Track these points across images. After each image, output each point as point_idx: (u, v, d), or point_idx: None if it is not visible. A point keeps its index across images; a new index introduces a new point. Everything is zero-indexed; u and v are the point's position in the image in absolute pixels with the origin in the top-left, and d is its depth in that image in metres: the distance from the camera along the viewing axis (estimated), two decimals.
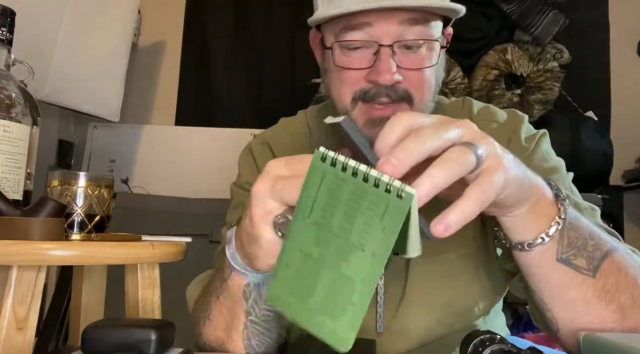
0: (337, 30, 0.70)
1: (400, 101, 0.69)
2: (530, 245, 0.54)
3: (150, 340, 0.53)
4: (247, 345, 0.65)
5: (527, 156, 0.74)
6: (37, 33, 1.79)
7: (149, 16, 2.73)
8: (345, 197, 0.42)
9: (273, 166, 0.49)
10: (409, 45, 0.68)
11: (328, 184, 0.43)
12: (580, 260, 0.54)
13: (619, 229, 2.38)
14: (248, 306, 0.61)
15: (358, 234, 0.41)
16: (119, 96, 2.35)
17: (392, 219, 0.40)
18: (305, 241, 0.44)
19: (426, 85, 0.70)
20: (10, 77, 0.81)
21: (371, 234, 0.41)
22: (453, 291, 0.75)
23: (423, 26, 0.68)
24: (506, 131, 0.77)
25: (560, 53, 2.33)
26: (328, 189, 0.43)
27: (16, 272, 0.66)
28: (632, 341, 0.47)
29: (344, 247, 0.42)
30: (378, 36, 0.67)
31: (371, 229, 0.41)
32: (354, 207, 0.42)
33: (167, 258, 0.80)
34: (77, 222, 0.79)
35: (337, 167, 0.43)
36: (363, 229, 0.41)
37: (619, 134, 2.40)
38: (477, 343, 0.53)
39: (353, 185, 0.42)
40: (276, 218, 0.48)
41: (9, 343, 0.64)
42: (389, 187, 0.40)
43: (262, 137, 0.91)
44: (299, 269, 0.44)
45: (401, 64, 0.67)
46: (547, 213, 0.53)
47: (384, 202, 0.40)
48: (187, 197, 2.23)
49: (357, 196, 0.42)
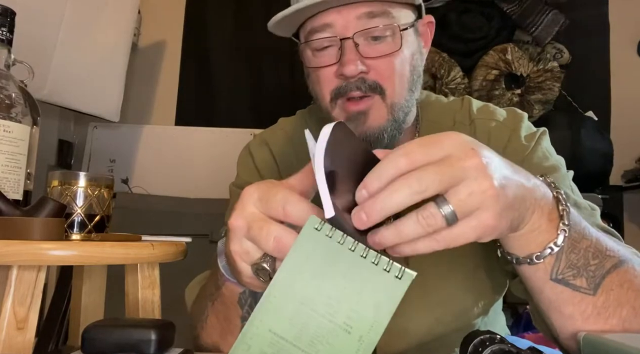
0: (305, 33, 0.72)
1: (372, 93, 0.69)
2: (539, 257, 0.50)
3: (150, 340, 0.53)
4: None
5: (526, 155, 0.74)
6: (37, 33, 1.79)
7: (149, 16, 2.73)
8: (338, 273, 0.38)
9: (248, 198, 0.47)
10: (374, 36, 0.69)
11: (320, 255, 0.39)
12: (580, 280, 0.52)
13: (619, 229, 2.38)
14: (244, 312, 0.61)
15: (345, 314, 0.38)
16: (119, 96, 2.35)
17: (389, 299, 0.38)
18: (279, 319, 0.38)
19: (397, 75, 0.69)
20: (10, 77, 0.81)
21: (362, 314, 0.38)
22: (452, 290, 0.75)
23: (382, 18, 0.68)
24: (506, 129, 0.77)
25: (560, 53, 2.32)
26: (320, 262, 0.39)
27: (16, 272, 0.66)
28: (632, 341, 0.46)
29: (327, 329, 0.37)
30: (340, 31, 0.68)
31: (363, 309, 0.38)
32: (345, 285, 0.38)
33: (167, 258, 0.79)
34: (77, 222, 0.79)
35: (333, 238, 0.39)
36: (352, 309, 0.38)
37: (619, 134, 2.40)
38: (477, 343, 0.52)
39: (349, 261, 0.38)
40: (254, 265, 0.46)
41: (9, 343, 0.64)
42: (388, 267, 0.38)
43: (260, 137, 0.91)
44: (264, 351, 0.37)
45: (365, 54, 0.68)
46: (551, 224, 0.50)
47: (381, 281, 0.38)
48: (187, 197, 2.23)
49: (351, 272, 0.38)
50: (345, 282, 0.38)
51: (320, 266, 0.39)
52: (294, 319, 0.38)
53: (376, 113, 0.69)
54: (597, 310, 0.53)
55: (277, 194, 0.45)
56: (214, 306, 0.64)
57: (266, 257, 0.45)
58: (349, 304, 0.38)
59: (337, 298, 0.38)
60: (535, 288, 0.54)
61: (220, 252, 0.58)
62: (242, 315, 0.62)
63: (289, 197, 0.44)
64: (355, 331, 0.37)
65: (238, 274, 0.50)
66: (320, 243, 0.39)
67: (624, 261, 0.54)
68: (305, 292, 0.38)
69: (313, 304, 0.38)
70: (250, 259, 0.47)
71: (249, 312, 0.61)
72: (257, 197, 0.46)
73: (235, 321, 0.62)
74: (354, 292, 0.38)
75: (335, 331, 0.37)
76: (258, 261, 0.46)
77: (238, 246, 0.47)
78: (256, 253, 0.46)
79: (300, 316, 0.38)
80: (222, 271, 0.58)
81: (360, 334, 0.37)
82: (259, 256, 0.46)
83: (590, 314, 0.53)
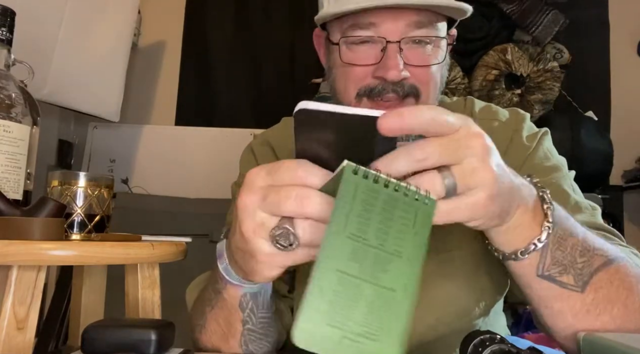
0: (344, 27, 0.70)
1: (407, 97, 0.69)
2: (524, 253, 0.51)
3: (150, 340, 0.53)
4: (245, 350, 0.64)
5: (528, 155, 0.74)
6: (37, 33, 1.79)
7: (149, 16, 2.73)
8: (379, 208, 0.42)
9: (255, 176, 0.47)
10: (416, 41, 0.68)
11: (362, 196, 0.42)
12: (566, 277, 0.52)
13: (619, 229, 2.37)
14: (245, 316, 0.60)
15: (394, 242, 0.42)
16: (119, 96, 2.35)
17: (423, 224, 0.42)
18: (341, 259, 0.41)
19: (432, 82, 0.70)
20: (10, 77, 0.81)
21: (405, 240, 0.42)
22: (453, 290, 0.75)
23: (428, 28, 0.68)
24: (508, 129, 0.77)
25: (560, 53, 2.32)
26: (362, 202, 0.42)
27: (16, 272, 0.66)
28: (632, 341, 0.46)
29: (382, 258, 0.42)
30: (385, 34, 0.67)
31: (405, 236, 0.42)
32: (388, 217, 0.42)
33: (167, 258, 0.79)
34: (77, 222, 0.79)
35: (369, 179, 0.43)
36: (398, 237, 0.42)
37: (619, 134, 2.40)
38: (477, 343, 0.53)
39: (386, 196, 0.42)
40: (273, 230, 0.45)
41: (9, 343, 0.64)
42: (417, 196, 0.43)
43: (263, 137, 0.91)
44: (337, 292, 0.41)
45: (408, 60, 0.68)
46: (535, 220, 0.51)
47: (413, 209, 0.42)
48: (187, 197, 2.23)
49: (389, 205, 0.42)
50: (386, 214, 0.42)
51: (362, 204, 0.42)
52: (353, 255, 0.42)
53: None
54: (586, 307, 0.53)
55: (284, 164, 0.45)
56: (213, 311, 0.63)
57: (283, 221, 0.46)
58: (394, 232, 0.42)
59: (383, 229, 0.42)
60: (523, 284, 0.55)
61: (220, 255, 0.57)
62: (243, 319, 0.61)
63: (300, 163, 0.45)
64: (404, 254, 0.42)
65: (252, 257, 0.48)
66: (360, 184, 0.43)
67: (614, 260, 0.55)
68: (356, 229, 0.42)
69: (365, 239, 0.42)
70: (265, 231, 0.46)
71: (250, 316, 0.61)
72: (266, 172, 0.46)
73: (236, 325, 0.61)
74: (394, 221, 0.42)
75: (389, 258, 0.42)
76: (275, 227, 0.45)
77: (250, 221, 0.46)
78: (271, 222, 0.45)
79: (357, 251, 0.42)
80: (223, 273, 0.57)
81: (409, 256, 0.42)
82: (274, 225, 0.45)
83: (579, 311, 0.54)
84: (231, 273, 0.56)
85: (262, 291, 0.60)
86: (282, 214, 0.45)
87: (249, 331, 0.62)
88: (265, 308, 0.61)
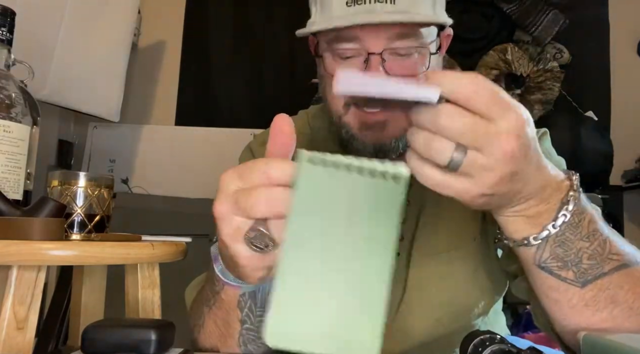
0: (329, 38, 0.71)
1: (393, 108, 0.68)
2: (536, 238, 0.52)
3: (150, 340, 0.53)
4: (243, 350, 0.64)
5: None
6: (37, 33, 1.79)
7: (149, 16, 2.73)
8: (344, 194, 0.40)
9: (227, 180, 0.46)
10: (400, 53, 0.69)
11: (323, 185, 0.40)
12: (565, 272, 0.53)
13: (619, 229, 2.38)
14: (243, 316, 0.61)
15: (362, 229, 0.40)
16: (119, 96, 2.35)
17: (393, 204, 0.40)
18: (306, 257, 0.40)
19: None
20: (10, 77, 0.81)
21: (375, 225, 0.40)
22: (453, 290, 0.75)
23: (412, 39, 0.69)
24: None
25: (560, 53, 2.32)
26: (323, 191, 0.40)
27: (16, 272, 0.66)
28: (633, 341, 0.46)
29: (350, 248, 0.40)
30: (367, 46, 0.68)
31: (375, 220, 0.40)
32: (354, 202, 0.40)
33: (167, 258, 0.79)
34: (77, 222, 0.79)
35: (327, 166, 0.40)
36: (367, 223, 0.40)
37: (619, 134, 2.40)
38: (477, 343, 0.53)
39: (349, 180, 0.40)
40: (247, 234, 0.45)
41: (9, 343, 0.64)
42: (385, 175, 0.40)
43: (262, 137, 0.91)
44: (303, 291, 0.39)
45: (391, 71, 0.68)
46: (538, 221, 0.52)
47: (381, 189, 0.40)
48: (188, 197, 2.23)
49: (354, 190, 0.40)
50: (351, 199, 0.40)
51: (324, 193, 0.40)
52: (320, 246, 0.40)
53: (395, 124, 0.70)
54: (584, 302, 0.54)
55: (255, 164, 0.44)
56: (211, 312, 0.63)
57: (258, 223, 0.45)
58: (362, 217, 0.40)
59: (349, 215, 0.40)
60: (525, 269, 0.56)
61: (215, 258, 0.57)
62: (241, 318, 0.61)
63: (269, 161, 0.44)
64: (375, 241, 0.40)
65: (234, 262, 0.48)
66: (319, 173, 0.41)
67: (628, 264, 0.55)
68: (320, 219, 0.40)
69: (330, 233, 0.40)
70: (241, 235, 0.45)
71: (248, 315, 0.61)
72: (237, 175, 0.46)
73: (235, 325, 0.62)
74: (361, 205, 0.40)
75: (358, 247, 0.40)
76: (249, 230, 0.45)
77: (227, 227, 0.46)
78: (246, 225, 0.45)
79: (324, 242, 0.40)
80: (220, 275, 0.57)
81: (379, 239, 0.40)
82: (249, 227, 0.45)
83: (577, 304, 0.54)
84: (228, 274, 0.56)
85: (260, 288, 0.60)
86: (255, 217, 0.44)
87: (248, 330, 0.63)
88: (263, 306, 0.61)
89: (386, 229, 0.40)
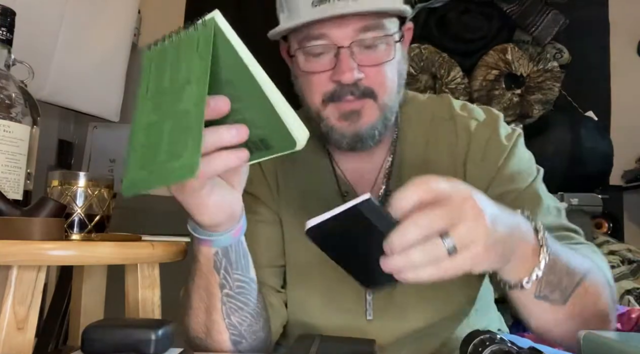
0: (300, 39, 0.75)
1: (364, 98, 0.74)
2: (527, 281, 0.58)
3: (150, 340, 0.53)
4: (228, 324, 0.67)
5: (506, 157, 0.78)
6: (37, 33, 1.79)
7: (149, 16, 2.73)
8: (170, 58, 0.49)
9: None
10: (367, 45, 0.73)
11: (155, 61, 0.50)
12: (554, 294, 0.61)
13: (619, 229, 2.38)
14: (220, 278, 0.64)
15: (183, 76, 0.47)
16: (119, 96, 2.35)
17: (205, 44, 0.47)
18: (145, 116, 0.49)
19: (388, 81, 0.75)
20: (10, 77, 0.81)
21: (193, 67, 0.47)
22: None
23: (376, 30, 0.73)
24: (486, 129, 0.82)
25: (560, 53, 2.32)
26: (156, 64, 0.50)
27: (16, 272, 0.66)
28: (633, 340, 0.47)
29: (176, 93, 0.47)
30: (336, 41, 0.72)
31: (191, 64, 0.47)
32: (176, 59, 0.48)
33: (167, 258, 0.80)
34: (77, 222, 0.79)
35: (157, 45, 0.50)
36: (186, 69, 0.47)
37: (619, 134, 2.39)
38: (477, 343, 0.53)
39: (172, 45, 0.49)
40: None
41: (9, 343, 0.64)
42: (196, 27, 0.49)
43: None
44: (145, 142, 0.48)
45: (361, 62, 0.72)
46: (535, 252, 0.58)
47: (195, 38, 0.48)
48: None
49: (176, 50, 0.49)
50: (175, 58, 0.49)
51: (157, 66, 0.50)
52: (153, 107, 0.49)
53: (369, 112, 0.74)
54: (566, 316, 0.62)
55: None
56: (195, 283, 0.67)
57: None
58: (183, 67, 0.48)
59: (174, 71, 0.48)
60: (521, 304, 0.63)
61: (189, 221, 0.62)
62: (219, 282, 0.64)
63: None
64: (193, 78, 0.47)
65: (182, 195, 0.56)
66: (152, 53, 0.51)
67: (587, 274, 0.63)
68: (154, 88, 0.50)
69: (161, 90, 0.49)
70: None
71: (225, 278, 0.64)
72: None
73: (215, 291, 0.65)
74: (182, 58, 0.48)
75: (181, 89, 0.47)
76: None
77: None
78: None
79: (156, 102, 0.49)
80: (192, 232, 0.62)
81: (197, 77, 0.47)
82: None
83: (561, 320, 0.63)
84: (197, 227, 0.61)
85: (232, 246, 0.63)
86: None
87: (228, 297, 0.66)
88: (239, 269, 0.65)
89: (201, 67, 0.46)
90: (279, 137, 0.50)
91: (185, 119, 0.46)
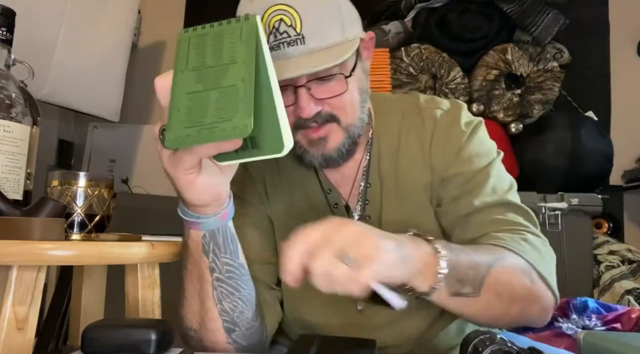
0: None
1: (327, 123, 0.76)
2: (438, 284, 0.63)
3: (150, 340, 0.53)
4: (220, 310, 0.69)
5: (465, 141, 0.83)
6: (37, 33, 1.79)
7: (149, 16, 2.73)
8: (210, 41, 0.57)
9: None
10: (322, 77, 0.75)
11: (194, 42, 0.57)
12: (466, 288, 0.65)
13: (619, 229, 2.38)
14: (210, 261, 0.68)
15: (227, 56, 0.55)
16: (119, 96, 2.35)
17: (248, 34, 0.56)
18: (188, 85, 0.55)
19: (347, 105, 0.77)
20: (10, 77, 0.81)
21: (237, 50, 0.55)
22: None
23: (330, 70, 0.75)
24: (448, 116, 0.86)
25: (560, 53, 2.32)
26: (195, 45, 0.57)
27: (16, 272, 0.66)
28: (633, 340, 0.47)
29: (220, 70, 0.55)
30: (292, 81, 0.74)
31: (235, 48, 0.55)
32: (219, 43, 0.56)
33: (167, 258, 0.80)
34: (77, 222, 0.79)
35: (197, 30, 0.58)
36: (230, 51, 0.55)
37: (619, 134, 2.39)
38: (477, 343, 0.53)
39: (213, 32, 0.57)
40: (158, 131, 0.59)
41: (9, 343, 0.64)
42: (238, 20, 0.58)
43: None
44: (189, 106, 0.54)
45: (317, 95, 0.75)
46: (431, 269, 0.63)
47: (238, 27, 0.57)
48: None
49: (218, 36, 0.57)
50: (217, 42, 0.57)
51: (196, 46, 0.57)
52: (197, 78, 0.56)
53: (334, 136, 0.78)
54: (486, 303, 0.67)
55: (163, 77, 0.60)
56: (187, 271, 0.70)
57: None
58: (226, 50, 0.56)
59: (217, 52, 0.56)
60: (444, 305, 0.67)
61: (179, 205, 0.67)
62: (209, 265, 0.68)
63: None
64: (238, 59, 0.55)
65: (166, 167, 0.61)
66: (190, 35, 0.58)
67: (493, 264, 0.68)
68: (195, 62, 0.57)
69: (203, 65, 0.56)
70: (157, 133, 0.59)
71: (214, 261, 0.67)
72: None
73: (207, 276, 0.68)
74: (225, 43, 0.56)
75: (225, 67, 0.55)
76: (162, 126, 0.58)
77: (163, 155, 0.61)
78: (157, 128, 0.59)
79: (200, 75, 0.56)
80: (181, 215, 0.66)
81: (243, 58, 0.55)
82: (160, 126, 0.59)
83: (480, 311, 0.69)
84: (186, 210, 0.65)
85: (220, 230, 0.67)
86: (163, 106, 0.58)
87: (218, 281, 0.68)
88: (228, 253, 0.68)
89: (247, 51, 0.55)
90: (269, 139, 0.55)
91: (233, 91, 0.53)
